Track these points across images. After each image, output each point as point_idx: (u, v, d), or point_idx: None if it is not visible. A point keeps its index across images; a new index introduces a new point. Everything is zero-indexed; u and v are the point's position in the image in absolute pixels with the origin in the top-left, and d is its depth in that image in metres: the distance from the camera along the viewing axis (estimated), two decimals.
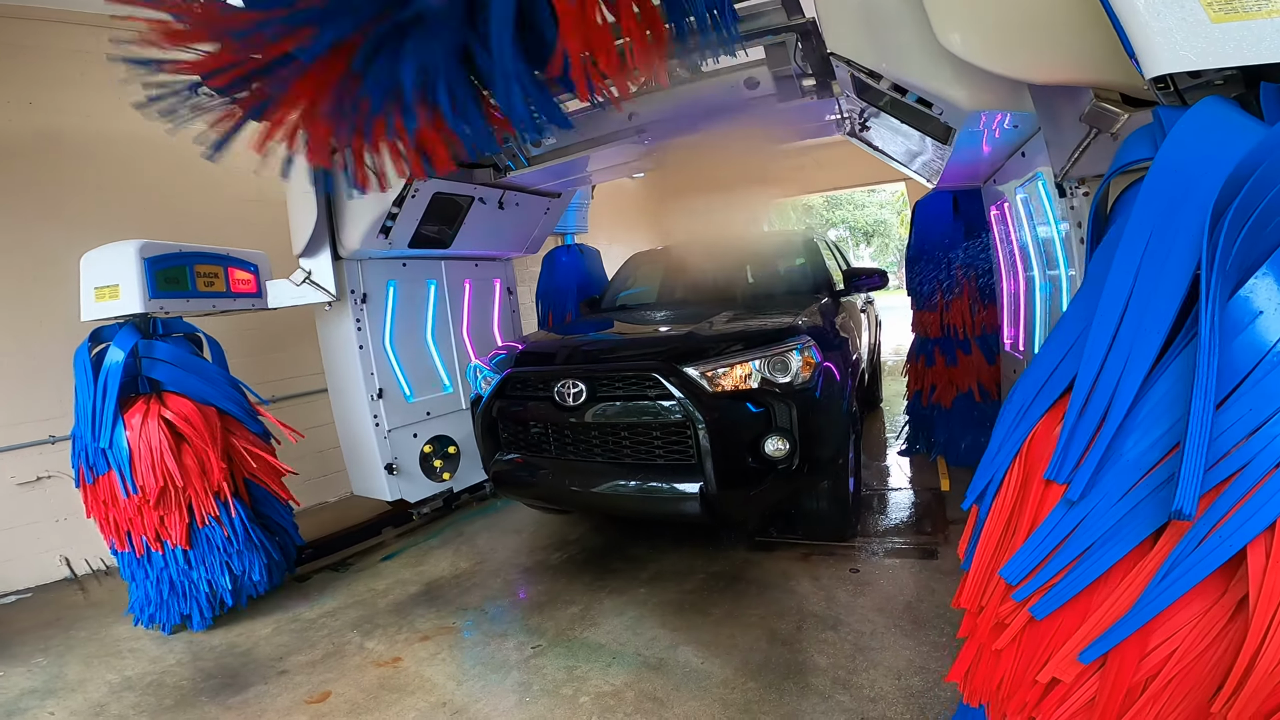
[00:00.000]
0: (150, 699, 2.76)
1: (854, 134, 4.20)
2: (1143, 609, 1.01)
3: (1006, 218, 3.61)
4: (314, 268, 3.97)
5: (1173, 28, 1.03)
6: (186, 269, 3.41)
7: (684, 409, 2.91)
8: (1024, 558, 1.17)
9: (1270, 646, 0.91)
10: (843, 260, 6.13)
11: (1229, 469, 0.95)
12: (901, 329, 5.40)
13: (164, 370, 3.22)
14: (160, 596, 3.24)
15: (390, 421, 4.41)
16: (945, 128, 2.89)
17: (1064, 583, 1.10)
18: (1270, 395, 0.95)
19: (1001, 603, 1.21)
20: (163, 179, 4.92)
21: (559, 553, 3.88)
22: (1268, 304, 0.96)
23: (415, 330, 4.72)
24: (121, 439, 3.05)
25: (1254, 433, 0.95)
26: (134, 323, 3.27)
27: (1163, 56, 1.07)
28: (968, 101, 2.24)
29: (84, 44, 4.64)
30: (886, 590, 2.97)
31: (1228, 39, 1.00)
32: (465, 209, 4.54)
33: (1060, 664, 1.10)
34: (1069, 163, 1.96)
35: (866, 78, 2.69)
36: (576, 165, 4.42)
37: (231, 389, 3.45)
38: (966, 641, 1.40)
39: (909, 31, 2.19)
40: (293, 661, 2.95)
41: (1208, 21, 1.01)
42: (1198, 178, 0.98)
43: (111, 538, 3.24)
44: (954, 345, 4.56)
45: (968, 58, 1.91)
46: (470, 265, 5.15)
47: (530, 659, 2.75)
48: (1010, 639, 1.21)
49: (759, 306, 3.93)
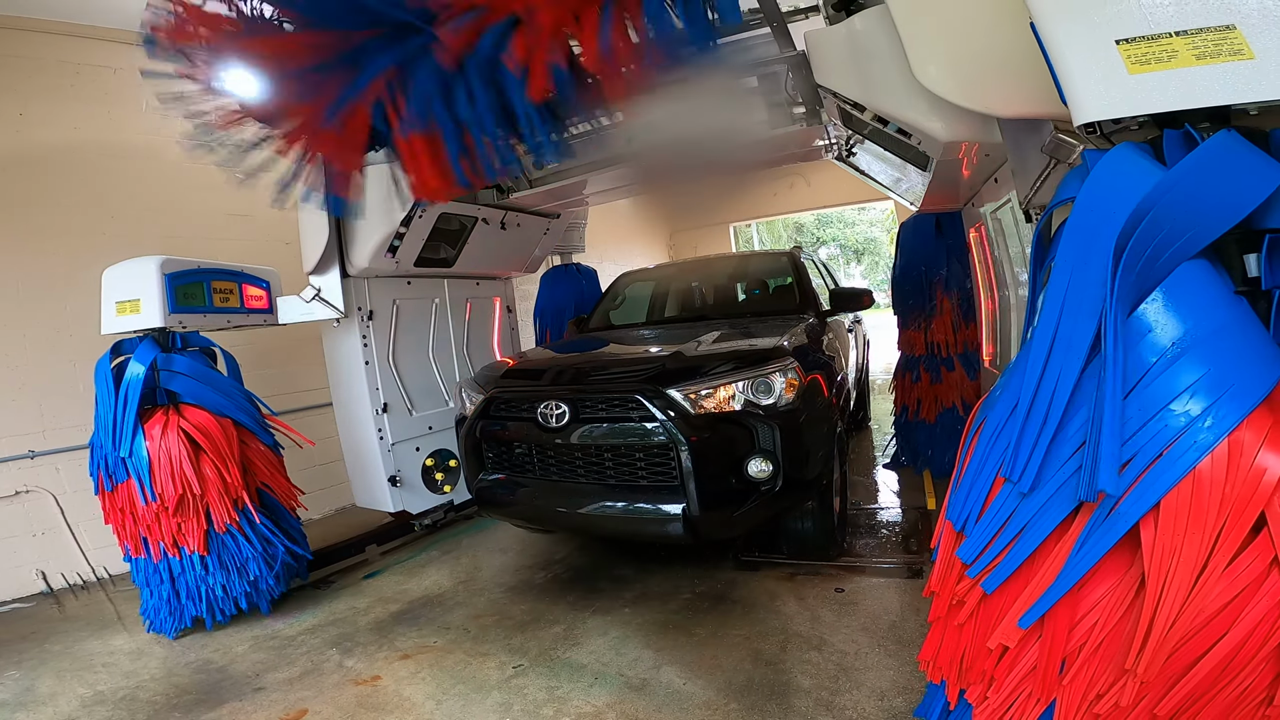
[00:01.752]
0: (122, 713, 2.76)
1: (841, 158, 4.42)
2: (1067, 577, 1.18)
3: (984, 239, 3.81)
4: (323, 285, 4.12)
5: (1097, 79, 1.22)
6: (204, 285, 3.55)
7: (667, 431, 2.92)
8: (976, 539, 1.33)
9: (1163, 609, 1.07)
10: (830, 279, 6.30)
11: (1125, 456, 1.13)
12: (891, 348, 5.54)
13: (181, 382, 3.34)
14: (175, 601, 3.33)
15: (394, 435, 4.54)
16: (924, 155, 3.10)
17: (1007, 558, 1.26)
18: (1155, 397, 1.14)
19: (959, 582, 1.38)
20: (150, 192, 5.00)
21: (544, 572, 3.86)
22: (1156, 323, 1.17)
23: (418, 346, 4.86)
24: (141, 448, 3.17)
25: (1142, 427, 1.14)
26: (153, 336, 3.40)
27: (1088, 105, 1.26)
28: (943, 132, 2.43)
29: (72, 55, 4.73)
30: (871, 610, 2.97)
31: (1141, 89, 1.19)
32: (469, 229, 4.72)
33: (1006, 631, 1.26)
34: (1032, 190, 2.15)
35: (851, 109, 2.91)
36: (575, 187, 4.61)
37: (245, 401, 3.58)
38: (934, 624, 1.56)
39: (890, 68, 2.38)
40: (269, 679, 2.93)
41: (1126, 73, 1.20)
42: (1106, 217, 1.17)
43: (126, 544, 3.33)
44: (938, 362, 4.74)
45: (941, 93, 2.11)
46: (472, 284, 5.31)
47: (511, 679, 2.73)
48: (968, 614, 1.37)
49: (745, 327, 3.97)
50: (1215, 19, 1.18)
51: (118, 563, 4.50)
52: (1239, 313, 1.16)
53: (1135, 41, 1.21)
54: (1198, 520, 1.07)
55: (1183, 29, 1.19)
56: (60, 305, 4.56)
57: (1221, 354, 1.12)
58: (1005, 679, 1.29)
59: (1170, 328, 1.16)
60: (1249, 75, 1.13)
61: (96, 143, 4.82)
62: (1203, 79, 1.15)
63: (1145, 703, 1.12)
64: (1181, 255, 1.16)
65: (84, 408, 4.43)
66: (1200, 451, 1.08)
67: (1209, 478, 1.07)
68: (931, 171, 3.20)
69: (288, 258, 4.51)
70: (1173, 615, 1.06)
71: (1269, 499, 1.05)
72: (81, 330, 4.53)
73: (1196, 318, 1.15)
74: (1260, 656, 1.05)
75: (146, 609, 3.43)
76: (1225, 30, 1.16)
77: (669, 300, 5.35)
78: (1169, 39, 1.19)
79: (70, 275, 4.56)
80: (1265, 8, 1.17)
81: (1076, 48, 1.26)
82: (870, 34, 2.47)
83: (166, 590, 3.34)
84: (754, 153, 4.04)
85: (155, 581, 3.35)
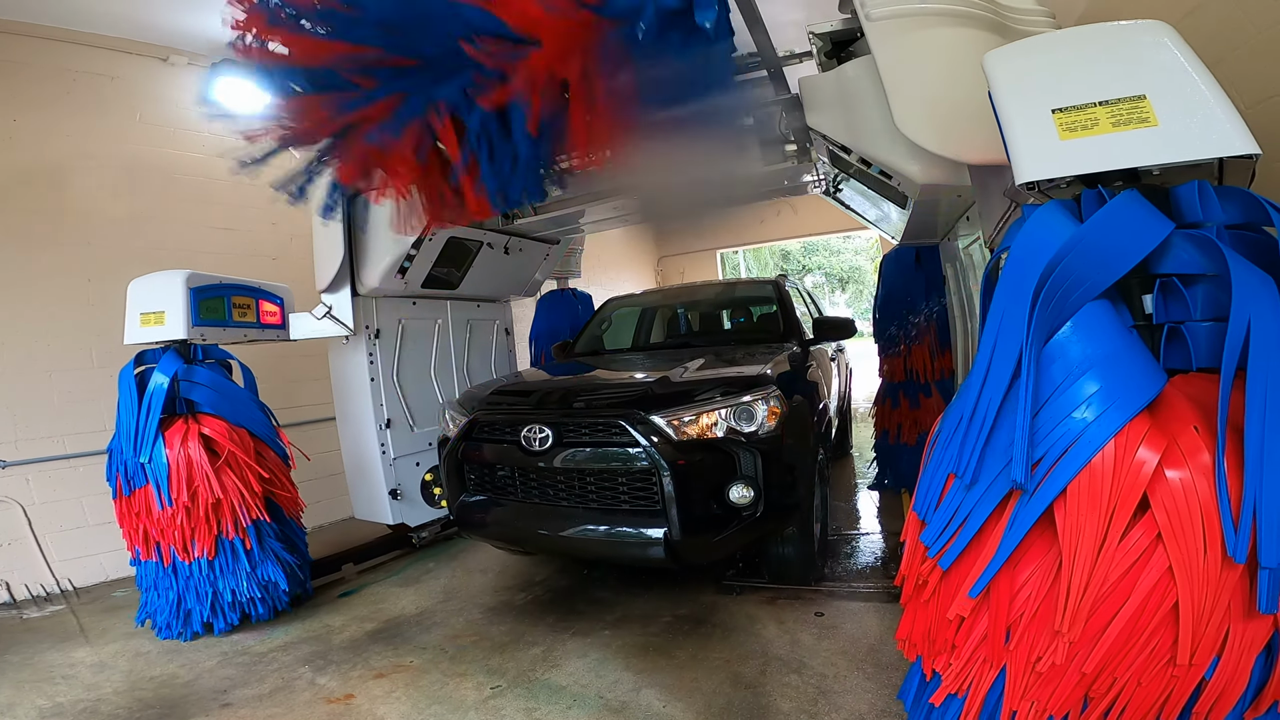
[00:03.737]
0: None
1: (829, 193, 4.70)
2: (1003, 552, 1.43)
3: (957, 273, 4.08)
4: (335, 303, 4.31)
5: (1035, 144, 1.50)
6: (225, 299, 3.74)
7: (650, 456, 2.94)
8: (934, 525, 1.58)
9: (1075, 576, 1.32)
10: (815, 308, 6.48)
11: (1038, 454, 1.41)
12: (873, 376, 5.72)
13: (201, 393, 3.50)
14: (183, 605, 3.43)
15: (396, 450, 4.70)
16: (903, 195, 3.37)
17: (958, 540, 1.51)
18: (1062, 407, 1.41)
19: (922, 563, 1.61)
20: (137, 203, 5.06)
21: (524, 593, 3.84)
22: (1065, 350, 1.44)
23: (421, 365, 5.05)
24: (161, 455, 3.32)
25: (1052, 430, 1.40)
26: (175, 348, 3.57)
27: (1027, 167, 1.53)
28: (919, 175, 2.70)
29: (70, 62, 4.80)
30: (851, 634, 2.98)
31: (1069, 153, 1.46)
32: (474, 253, 4.95)
33: (960, 602, 1.49)
34: (995, 229, 2.42)
35: (839, 150, 3.18)
36: (577, 215, 4.86)
37: (259, 413, 3.74)
38: (906, 606, 1.77)
39: (874, 116, 2.66)
40: (237, 695, 2.87)
41: (1058, 139, 1.47)
42: (1029, 265, 1.46)
43: (138, 547, 3.44)
44: (916, 389, 4.96)
45: (919, 141, 2.41)
46: (473, 306, 5.52)
47: (489, 699, 2.69)
48: (931, 591, 1.61)
49: (729, 354, 4.02)
50: (1130, 89, 1.46)
51: (83, 575, 4.60)
52: (1128, 341, 1.44)
53: (1067, 110, 1.48)
54: (1094, 503, 1.33)
55: (1105, 99, 1.46)
56: (40, 314, 4.61)
57: (1112, 373, 1.40)
58: (964, 646, 1.51)
59: (1075, 353, 1.44)
60: (1153, 140, 1.41)
61: (87, 152, 4.87)
62: (1117, 144, 1.43)
63: (1076, 661, 1.34)
64: (1088, 295, 1.44)
65: (58, 419, 4.63)
66: (1094, 448, 1.35)
67: (1101, 469, 1.34)
68: (910, 209, 3.47)
69: (271, 273, 4.58)
70: (1083, 581, 1.31)
71: (1148, 485, 1.31)
72: (60, 341, 4.64)
73: (1095, 345, 1.42)
74: (1159, 618, 1.29)
75: (152, 615, 3.51)
76: (1137, 100, 1.43)
77: (654, 326, 5.45)
78: (1094, 108, 1.46)
79: (51, 285, 4.63)
80: (1169, 78, 1.45)
81: (1020, 118, 1.55)
82: (858, 82, 2.75)
83: (175, 595, 3.43)
84: (748, 189, 4.32)
85: (164, 586, 3.45)
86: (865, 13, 2.48)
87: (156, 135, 5.27)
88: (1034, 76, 1.58)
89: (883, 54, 2.46)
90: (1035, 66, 1.60)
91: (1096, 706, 1.34)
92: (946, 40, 2.40)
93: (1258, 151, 1.39)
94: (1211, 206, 1.40)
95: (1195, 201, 1.41)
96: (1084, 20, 2.83)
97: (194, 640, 3.48)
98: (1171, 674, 1.29)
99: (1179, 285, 1.42)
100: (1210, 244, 1.36)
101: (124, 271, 4.67)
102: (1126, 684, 1.30)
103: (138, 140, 5.12)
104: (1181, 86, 1.43)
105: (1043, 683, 1.37)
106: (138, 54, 5.18)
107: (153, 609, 3.53)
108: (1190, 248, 1.40)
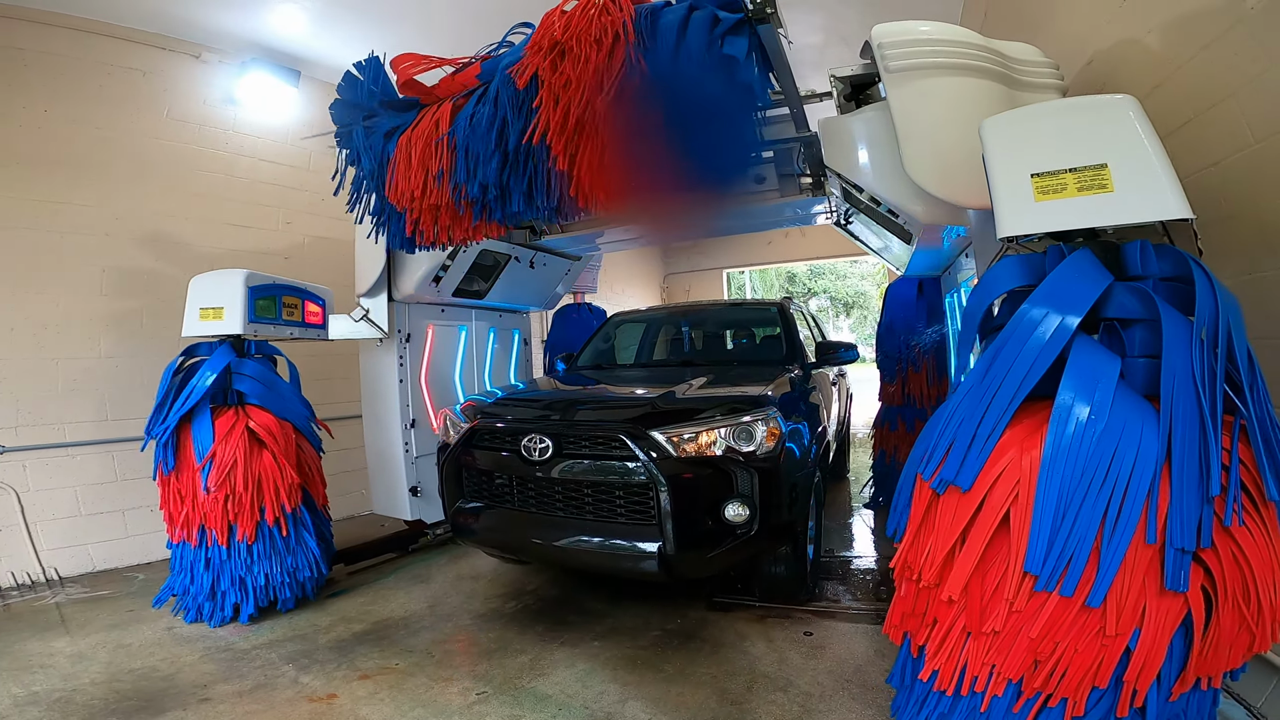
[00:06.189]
0: (55, 715, 2.70)
1: (840, 225, 4.99)
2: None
3: (956, 305, 4.36)
4: (372, 307, 4.61)
5: (1015, 204, 1.80)
6: (276, 299, 4.00)
7: (648, 471, 2.98)
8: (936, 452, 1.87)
9: (969, 543, 1.67)
10: (819, 332, 6.65)
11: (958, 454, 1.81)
12: (873, 401, 5.84)
13: (249, 385, 3.75)
14: (218, 588, 3.57)
15: (418, 449, 4.97)
16: (908, 231, 3.66)
17: (954, 455, 1.83)
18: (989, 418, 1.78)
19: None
20: (157, 196, 5.14)
21: (514, 601, 3.84)
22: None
23: (446, 369, 5.34)
24: (209, 440, 3.52)
25: (974, 436, 1.77)
26: (230, 342, 3.83)
27: (1006, 223, 1.84)
28: (923, 216, 3.00)
29: (106, 56, 4.89)
30: (839, 654, 2.99)
31: (1041, 213, 1.76)
32: (502, 265, 5.26)
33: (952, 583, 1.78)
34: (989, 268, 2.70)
35: (851, 188, 3.47)
36: (598, 235, 5.19)
37: (302, 407, 3.99)
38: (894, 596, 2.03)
39: (886, 160, 2.94)
40: (217, 690, 2.86)
41: (1033, 200, 1.77)
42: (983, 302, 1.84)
43: (179, 529, 3.59)
44: (914, 413, 5.20)
45: (923, 185, 2.69)
46: (496, 315, 5.83)
47: (474, 704, 2.68)
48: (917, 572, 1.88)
49: (731, 374, 4.09)
50: (1094, 158, 1.75)
51: (69, 565, 4.56)
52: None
53: (1043, 175, 1.77)
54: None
55: (1074, 166, 1.76)
56: (51, 303, 4.63)
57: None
58: (944, 620, 1.78)
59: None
60: (1110, 204, 1.71)
61: (113, 145, 4.93)
62: (1080, 207, 1.73)
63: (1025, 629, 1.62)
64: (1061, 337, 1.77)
65: (62, 406, 4.66)
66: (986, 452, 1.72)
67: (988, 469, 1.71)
68: (914, 245, 3.76)
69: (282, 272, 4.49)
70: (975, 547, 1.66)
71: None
72: (69, 330, 4.68)
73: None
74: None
75: (180, 594, 3.66)
76: (1099, 168, 1.73)
77: (658, 343, 5.56)
78: (1065, 174, 1.75)
79: (64, 274, 4.68)
80: (1127, 149, 1.74)
81: (1004, 180, 1.84)
82: (873, 127, 3.02)
83: (210, 578, 3.56)
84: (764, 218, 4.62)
85: (199, 569, 3.58)
86: (884, 65, 2.70)
87: (183, 131, 5.34)
88: (1019, 144, 1.88)
89: (898, 102, 2.71)
90: (1021, 135, 1.90)
91: (1043, 668, 1.60)
92: (956, 91, 2.65)
93: (1191, 215, 1.68)
94: (1150, 262, 1.73)
95: (1137, 258, 1.75)
96: (1089, 67, 3.10)
97: (190, 627, 3.57)
98: (1101, 643, 1.56)
99: (1118, 328, 1.74)
100: (1146, 295, 1.67)
101: (139, 263, 5.00)
102: (1065, 650, 1.58)
103: (164, 135, 5.20)
104: (1137, 158, 1.73)
105: (999, 646, 1.64)
106: (172, 50, 5.27)
107: (181, 590, 3.66)
108: (1130, 297, 1.71)
